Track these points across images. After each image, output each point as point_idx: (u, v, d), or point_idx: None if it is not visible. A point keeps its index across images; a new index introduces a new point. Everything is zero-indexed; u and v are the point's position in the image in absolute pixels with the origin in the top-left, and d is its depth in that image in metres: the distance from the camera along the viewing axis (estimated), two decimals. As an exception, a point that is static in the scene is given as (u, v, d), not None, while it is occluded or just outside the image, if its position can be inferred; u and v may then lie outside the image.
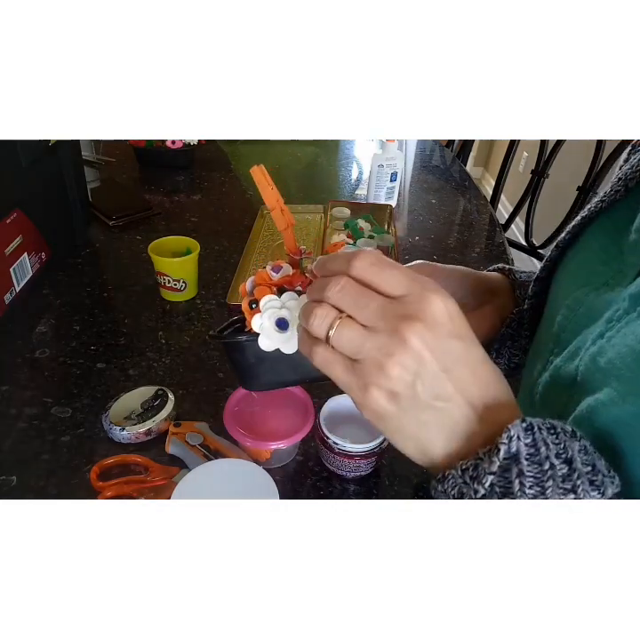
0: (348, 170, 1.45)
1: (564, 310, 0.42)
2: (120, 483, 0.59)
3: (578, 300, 0.41)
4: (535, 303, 0.51)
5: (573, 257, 0.46)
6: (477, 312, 0.53)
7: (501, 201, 1.66)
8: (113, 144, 1.39)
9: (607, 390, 0.34)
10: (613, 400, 0.33)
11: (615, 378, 0.33)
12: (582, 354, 0.37)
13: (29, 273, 0.83)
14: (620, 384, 0.33)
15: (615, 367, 0.33)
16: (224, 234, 1.08)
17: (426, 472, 0.33)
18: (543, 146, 1.39)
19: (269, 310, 0.40)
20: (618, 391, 0.33)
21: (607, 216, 0.42)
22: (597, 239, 0.43)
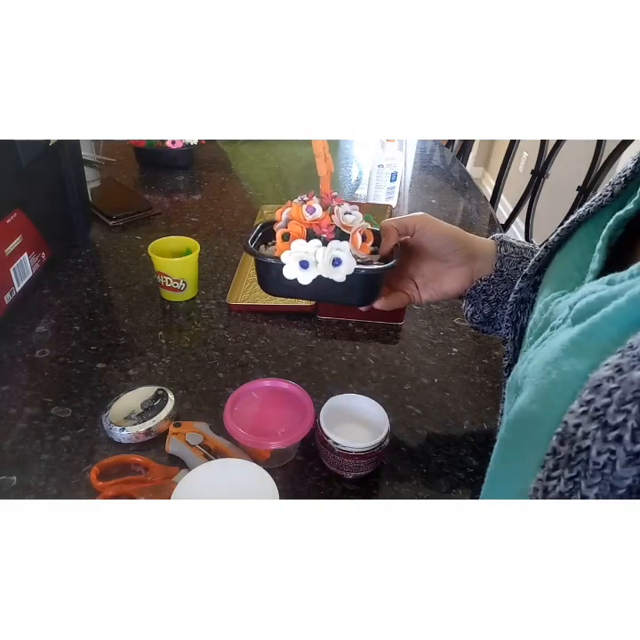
0: (348, 170, 1.45)
1: (536, 314, 0.42)
2: (120, 483, 0.58)
3: (546, 305, 0.41)
4: (521, 298, 0.52)
5: (558, 260, 0.46)
6: (455, 270, 0.62)
7: (501, 201, 1.66)
8: (113, 144, 1.39)
9: (524, 395, 0.35)
10: (525, 407, 0.35)
11: (530, 384, 0.35)
12: (524, 358, 0.39)
13: (29, 273, 0.83)
14: (530, 390, 0.35)
15: (532, 373, 0.35)
16: (224, 234, 1.08)
17: (426, 472, 0.33)
18: (543, 146, 1.39)
19: (297, 253, 0.52)
20: (529, 397, 0.35)
21: (593, 221, 0.42)
22: (580, 244, 0.43)
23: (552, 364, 0.33)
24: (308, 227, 0.53)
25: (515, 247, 0.62)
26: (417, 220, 0.61)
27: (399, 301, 0.64)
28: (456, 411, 0.71)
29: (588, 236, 0.42)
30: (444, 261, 0.62)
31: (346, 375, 0.76)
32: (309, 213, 0.53)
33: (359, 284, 0.56)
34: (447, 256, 0.62)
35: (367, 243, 0.55)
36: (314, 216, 0.52)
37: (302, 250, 0.52)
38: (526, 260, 0.62)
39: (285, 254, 0.52)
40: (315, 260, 0.51)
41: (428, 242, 0.61)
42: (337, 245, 0.52)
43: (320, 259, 0.52)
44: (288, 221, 0.54)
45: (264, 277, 0.57)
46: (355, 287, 0.56)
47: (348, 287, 0.54)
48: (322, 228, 0.52)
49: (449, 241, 0.61)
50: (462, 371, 0.78)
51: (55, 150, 0.89)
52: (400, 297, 0.65)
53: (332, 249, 0.52)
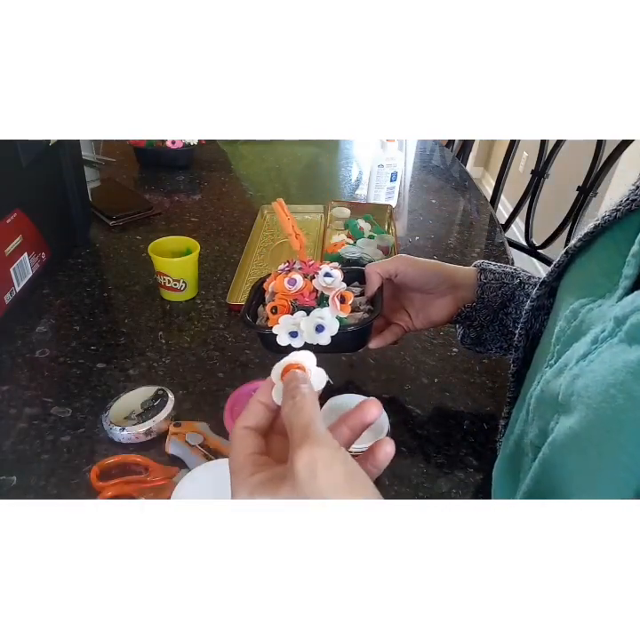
0: (348, 170, 1.45)
1: (562, 322, 0.41)
2: (120, 483, 0.59)
3: (574, 312, 0.40)
4: (538, 305, 0.51)
5: (580, 266, 0.45)
6: (440, 300, 0.67)
7: (501, 201, 1.66)
8: (113, 144, 1.39)
9: (577, 417, 0.33)
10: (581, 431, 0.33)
11: (585, 406, 0.33)
12: (566, 372, 0.37)
13: (29, 273, 0.83)
14: (587, 413, 0.33)
15: (587, 394, 0.33)
16: (224, 234, 1.08)
17: (426, 472, 0.33)
18: (543, 146, 1.39)
19: (286, 326, 0.58)
20: (586, 420, 0.33)
21: (620, 226, 0.41)
22: (606, 249, 0.41)
23: (616, 388, 0.31)
24: (292, 299, 0.59)
25: (495, 273, 0.66)
26: (397, 263, 0.65)
27: (392, 337, 0.69)
28: (456, 411, 0.71)
29: (614, 240, 0.41)
30: (429, 293, 0.67)
31: (346, 375, 0.76)
32: (291, 285, 0.59)
33: (348, 338, 0.61)
34: (431, 290, 0.66)
35: (347, 302, 0.60)
36: (295, 287, 0.59)
37: (289, 322, 0.58)
38: (506, 285, 0.65)
39: (276, 327, 0.58)
40: (301, 329, 0.58)
41: (411, 281, 0.66)
42: (318, 314, 0.58)
43: (305, 328, 0.57)
44: (275, 294, 0.60)
45: (264, 342, 0.63)
46: (345, 340, 0.61)
47: (340, 342, 0.59)
48: (304, 296, 0.59)
49: (430, 277, 0.66)
50: (462, 371, 0.78)
51: (55, 150, 0.89)
52: (393, 331, 0.69)
53: (314, 317, 0.58)
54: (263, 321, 0.62)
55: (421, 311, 0.68)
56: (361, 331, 0.61)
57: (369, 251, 0.93)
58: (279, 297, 0.60)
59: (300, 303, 0.59)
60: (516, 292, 0.64)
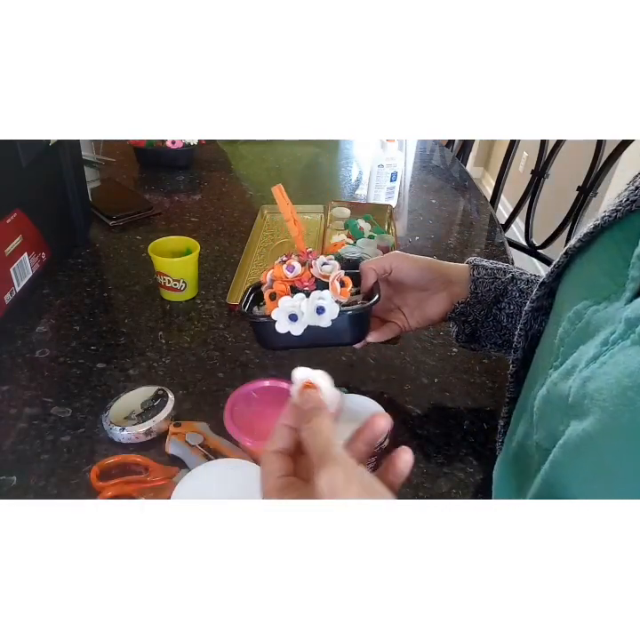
0: (348, 170, 1.45)
1: (566, 323, 0.41)
2: (120, 483, 0.59)
3: (578, 313, 0.39)
4: (537, 306, 0.51)
5: (580, 266, 0.44)
6: (434, 297, 0.68)
7: (501, 201, 1.66)
8: (113, 144, 1.39)
9: (592, 420, 0.33)
10: (596, 434, 0.33)
11: (600, 409, 0.33)
12: (576, 374, 0.36)
13: (29, 273, 0.83)
14: (603, 416, 0.32)
15: (601, 397, 0.33)
16: (224, 234, 1.08)
17: (426, 472, 0.33)
18: (543, 146, 1.39)
19: (285, 308, 0.57)
20: (602, 424, 0.32)
21: (620, 226, 0.40)
22: (606, 250, 0.41)
23: (634, 390, 0.30)
24: (291, 284, 0.59)
25: (487, 269, 0.67)
26: (392, 259, 0.66)
27: (391, 332, 0.69)
28: (456, 411, 0.71)
29: (614, 241, 0.40)
30: (424, 290, 0.68)
31: (346, 375, 0.76)
32: (290, 271, 0.59)
33: (347, 325, 0.60)
34: (425, 286, 0.67)
35: (346, 287, 0.60)
36: (294, 273, 0.59)
37: (289, 304, 0.57)
38: (499, 279, 0.65)
39: (275, 311, 0.57)
40: (301, 311, 0.57)
41: (406, 277, 0.67)
42: (319, 295, 0.57)
43: (305, 309, 0.57)
44: (273, 282, 0.60)
45: (260, 335, 0.62)
46: (344, 328, 0.60)
47: (338, 330, 0.59)
48: (303, 282, 0.59)
49: (424, 273, 0.67)
50: (462, 371, 0.78)
51: (55, 150, 0.89)
52: (391, 327, 0.69)
53: (314, 299, 0.57)
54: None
55: (416, 309, 0.69)
56: (360, 318, 0.61)
57: (369, 251, 0.93)
58: (278, 283, 0.59)
59: (301, 288, 0.59)
60: (508, 287, 0.65)
